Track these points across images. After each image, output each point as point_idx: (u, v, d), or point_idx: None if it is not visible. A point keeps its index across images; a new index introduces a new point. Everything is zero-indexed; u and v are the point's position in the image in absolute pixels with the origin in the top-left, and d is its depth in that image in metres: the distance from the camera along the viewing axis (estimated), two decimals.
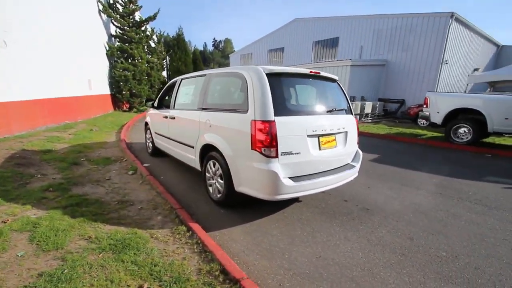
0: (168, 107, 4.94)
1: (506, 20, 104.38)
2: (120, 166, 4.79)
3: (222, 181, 3.10)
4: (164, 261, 2.07)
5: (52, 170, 4.26)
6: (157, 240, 2.38)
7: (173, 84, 4.74)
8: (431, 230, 2.84)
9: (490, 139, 8.08)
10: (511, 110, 6.06)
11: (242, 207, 3.20)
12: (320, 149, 2.88)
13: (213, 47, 79.13)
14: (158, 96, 5.16)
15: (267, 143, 2.54)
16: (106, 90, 12.10)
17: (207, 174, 3.42)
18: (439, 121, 7.33)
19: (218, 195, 3.23)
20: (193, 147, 3.66)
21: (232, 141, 2.88)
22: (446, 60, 13.79)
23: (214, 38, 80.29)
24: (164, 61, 18.51)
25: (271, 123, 2.54)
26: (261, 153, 2.56)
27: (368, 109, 13.48)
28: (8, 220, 2.43)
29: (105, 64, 11.98)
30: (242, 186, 2.83)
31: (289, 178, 2.64)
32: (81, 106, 9.63)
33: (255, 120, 2.59)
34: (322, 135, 2.91)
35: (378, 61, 15.65)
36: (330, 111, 3.11)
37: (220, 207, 3.22)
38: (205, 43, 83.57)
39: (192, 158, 3.75)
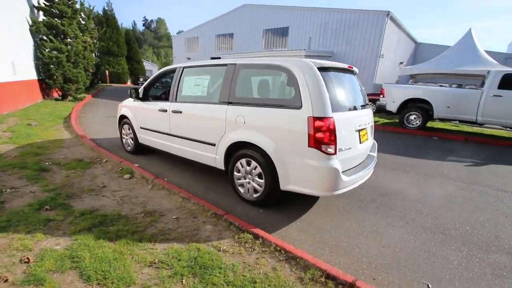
0: (162, 99, 4.36)
1: (422, 20, 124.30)
2: (104, 169, 4.05)
3: (261, 180, 2.94)
4: (259, 276, 1.89)
5: (19, 180, 3.33)
6: (228, 253, 2.15)
7: (168, 73, 4.18)
8: (444, 208, 3.30)
9: (428, 124, 9.67)
10: (452, 100, 7.35)
11: (278, 204, 3.11)
12: (360, 142, 2.99)
13: (144, 27, 71.74)
14: (143, 86, 4.47)
15: (327, 140, 2.49)
16: (33, 75, 9.84)
17: (236, 173, 3.19)
18: (395, 109, 8.38)
19: (255, 195, 3.06)
20: (214, 145, 3.33)
21: (280, 138, 2.73)
22: (382, 54, 15.67)
23: (145, 17, 72.65)
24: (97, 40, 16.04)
25: (330, 119, 2.50)
26: (320, 150, 2.51)
27: None
28: (28, 258, 1.81)
29: (29, 42, 9.65)
30: (291, 184, 2.74)
31: (342, 173, 2.67)
32: (6, 95, 7.64)
33: (313, 117, 2.50)
34: (361, 129, 3.02)
35: (326, 53, 16.75)
36: (363, 106, 3.23)
37: (258, 207, 3.07)
38: (134, 21, 75.01)
39: (210, 156, 3.42)
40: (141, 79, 32.20)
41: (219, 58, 20.09)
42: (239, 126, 3.02)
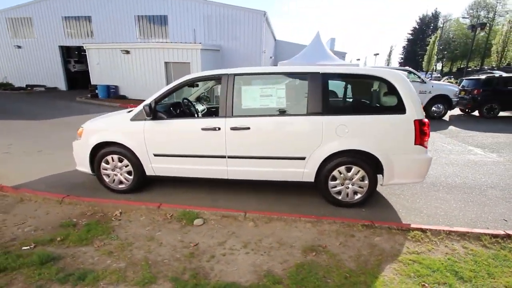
0: (188, 114, 3.46)
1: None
2: (140, 224, 2.83)
3: (365, 182, 3.17)
4: (471, 258, 2.29)
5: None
6: (430, 252, 2.37)
7: (196, 81, 3.36)
8: (437, 169, 4.71)
9: None
10: None
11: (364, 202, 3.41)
12: None
13: None
14: (153, 99, 3.29)
15: (427, 137, 3.06)
16: None
17: (331, 182, 3.21)
18: None
19: (356, 197, 3.25)
20: (303, 159, 3.16)
21: (386, 141, 3.03)
22: (265, 50, 17.63)
23: None
24: None
25: (426, 120, 3.07)
26: (423, 145, 3.06)
27: None
28: None
29: None
30: (395, 178, 3.14)
31: None
32: None
33: (418, 120, 2.99)
34: None
35: (215, 46, 16.86)
36: None
37: (358, 208, 3.28)
38: None
39: (296, 171, 3.21)
40: None
41: (81, 47, 15.73)
42: (340, 135, 3.05)
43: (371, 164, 3.11)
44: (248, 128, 3.13)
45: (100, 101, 13.92)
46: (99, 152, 3.49)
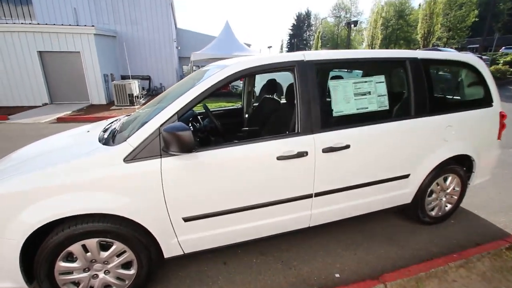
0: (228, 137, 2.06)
1: None
2: None
3: (458, 189, 2.65)
4: None
5: None
6: None
7: (257, 74, 2.09)
8: None
9: None
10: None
11: None
12: None
13: None
14: (177, 113, 1.64)
15: (503, 130, 2.78)
16: None
17: (428, 198, 2.54)
18: None
19: (447, 208, 2.70)
20: (407, 176, 2.32)
21: (479, 139, 2.58)
22: (175, 39, 15.31)
23: None
24: None
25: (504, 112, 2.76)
26: (499, 139, 2.77)
27: (136, 89, 11.72)
28: None
29: None
30: (477, 179, 2.77)
31: None
32: None
33: (501, 112, 2.65)
34: None
35: (110, 32, 13.34)
36: None
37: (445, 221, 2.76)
38: None
39: (396, 195, 2.36)
40: None
41: None
42: (447, 139, 2.38)
43: (468, 168, 2.64)
44: (348, 147, 2.01)
45: None
46: (46, 241, 1.55)
